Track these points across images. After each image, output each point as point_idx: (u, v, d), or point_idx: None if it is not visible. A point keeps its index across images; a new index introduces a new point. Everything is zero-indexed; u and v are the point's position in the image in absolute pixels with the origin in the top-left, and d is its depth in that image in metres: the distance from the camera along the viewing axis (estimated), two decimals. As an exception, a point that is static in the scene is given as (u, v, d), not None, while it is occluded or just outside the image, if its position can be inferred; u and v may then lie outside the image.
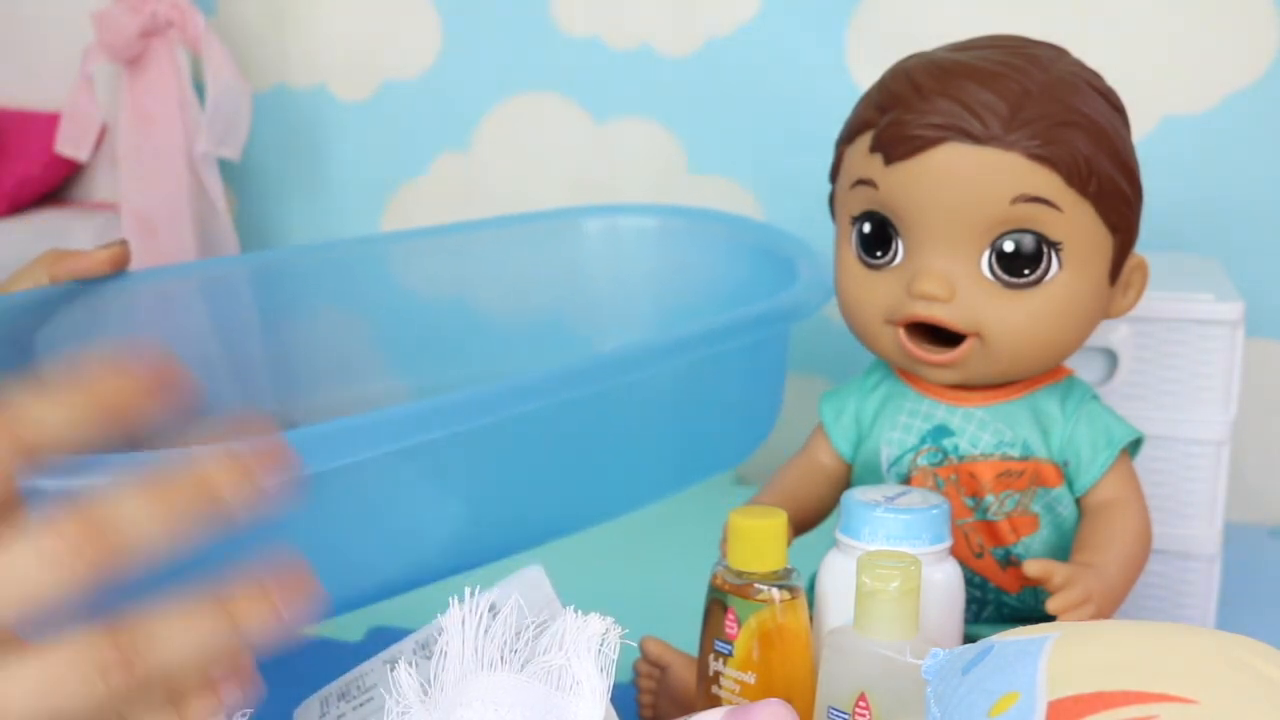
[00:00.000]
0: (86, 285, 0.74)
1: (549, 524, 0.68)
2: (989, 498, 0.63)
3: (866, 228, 0.63)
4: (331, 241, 0.94)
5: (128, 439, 0.43)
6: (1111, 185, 0.60)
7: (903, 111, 0.60)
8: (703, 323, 0.68)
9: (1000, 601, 0.65)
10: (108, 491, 0.41)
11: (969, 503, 0.64)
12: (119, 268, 0.73)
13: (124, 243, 0.74)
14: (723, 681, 0.59)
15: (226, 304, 0.84)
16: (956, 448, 0.64)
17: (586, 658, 0.48)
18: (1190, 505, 0.76)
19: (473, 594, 0.51)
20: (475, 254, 0.91)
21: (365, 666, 0.61)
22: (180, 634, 0.41)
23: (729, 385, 0.74)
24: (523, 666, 0.49)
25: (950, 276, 0.60)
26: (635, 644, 0.65)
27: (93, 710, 0.40)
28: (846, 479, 0.68)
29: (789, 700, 0.51)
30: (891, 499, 0.59)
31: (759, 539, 0.58)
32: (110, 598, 0.41)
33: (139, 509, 0.41)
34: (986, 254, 0.60)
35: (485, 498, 0.64)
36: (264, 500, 0.43)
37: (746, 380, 0.76)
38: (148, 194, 1.13)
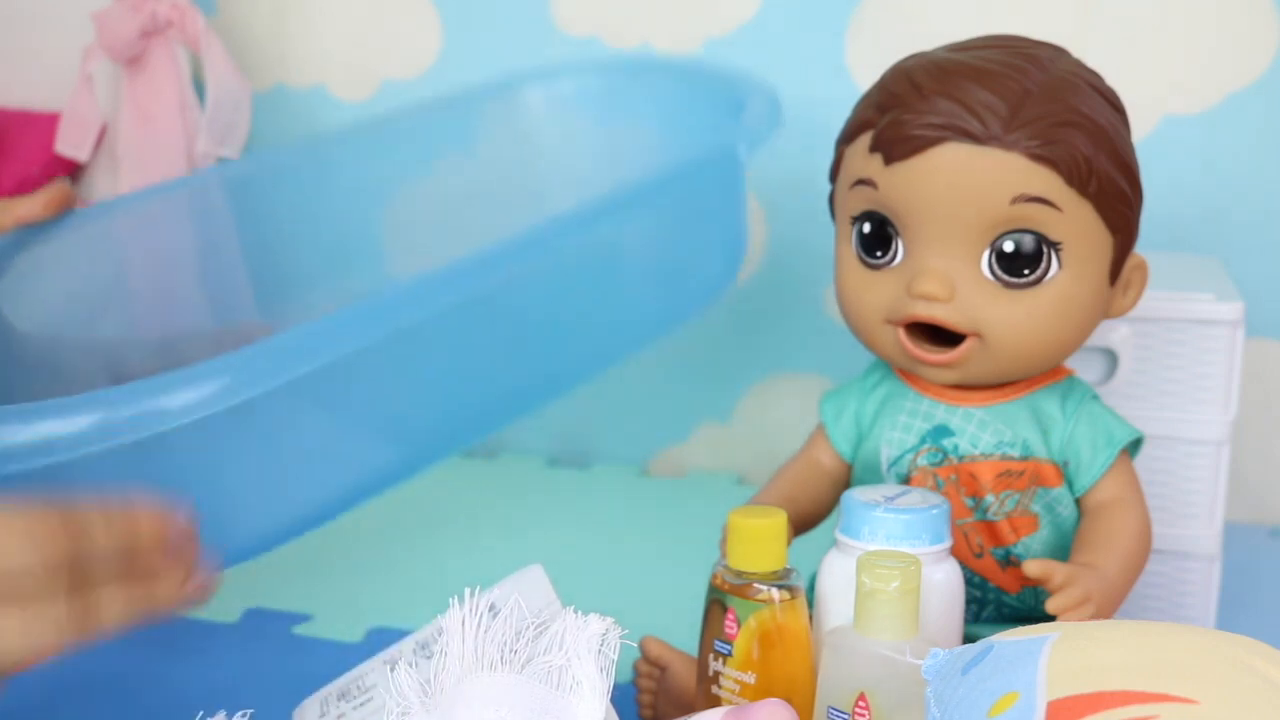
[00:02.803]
0: (35, 231, 0.75)
1: (541, 385, 0.71)
2: (989, 498, 0.63)
3: (866, 228, 0.63)
4: (284, 147, 0.94)
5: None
6: (1111, 185, 0.60)
7: (902, 111, 0.60)
8: (642, 177, 0.69)
9: (1000, 601, 0.65)
10: None
11: (969, 503, 0.64)
12: (63, 208, 0.74)
13: (63, 182, 0.74)
14: (722, 681, 0.59)
15: (196, 222, 0.85)
16: (956, 448, 0.64)
17: (586, 658, 0.48)
18: (1190, 505, 0.76)
19: (473, 594, 0.51)
20: (427, 139, 0.92)
21: (365, 666, 0.61)
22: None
23: (690, 225, 0.75)
24: (523, 667, 0.49)
25: (950, 276, 0.60)
26: (635, 644, 0.65)
27: (40, 565, 0.49)
28: (846, 479, 0.68)
29: (789, 700, 0.51)
30: (891, 499, 0.59)
31: (759, 539, 0.58)
32: None
33: None
34: (986, 254, 0.60)
35: (472, 367, 0.67)
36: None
37: (706, 218, 0.76)
38: (148, 194, 1.13)
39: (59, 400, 0.56)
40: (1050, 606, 0.57)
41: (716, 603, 0.59)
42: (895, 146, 0.60)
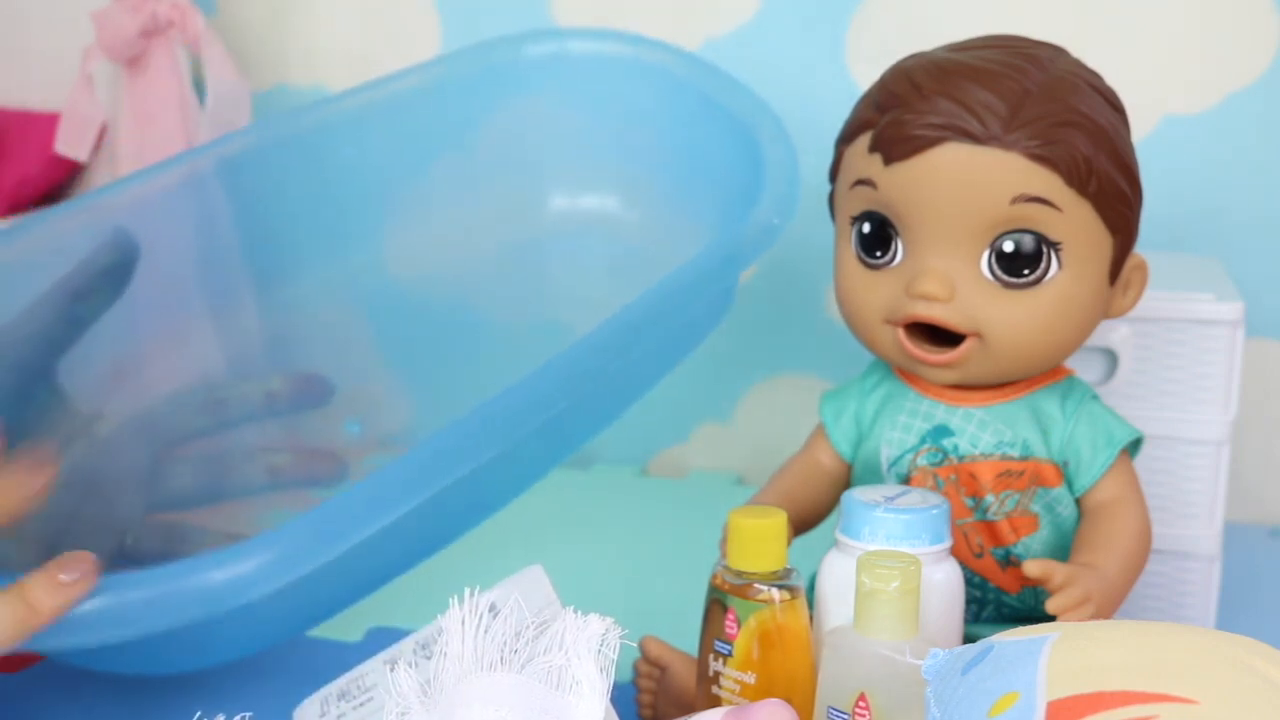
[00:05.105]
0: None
1: (550, 455, 0.75)
2: (989, 498, 0.63)
3: (866, 228, 0.63)
4: (281, 116, 0.94)
5: None
6: (1111, 185, 0.60)
7: (902, 111, 0.60)
8: (649, 301, 0.69)
9: (1000, 601, 0.65)
10: None
11: (969, 503, 0.64)
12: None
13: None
14: (723, 681, 0.59)
15: (194, 204, 0.85)
16: (956, 448, 0.64)
17: (586, 658, 0.48)
18: (1190, 505, 0.76)
19: (473, 594, 0.51)
20: (422, 105, 0.92)
21: (365, 666, 0.61)
22: None
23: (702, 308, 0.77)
24: (523, 667, 0.49)
25: (950, 276, 0.60)
26: (635, 644, 0.65)
27: None
28: (846, 479, 0.68)
29: (789, 700, 0.51)
30: (891, 499, 0.59)
31: (759, 539, 0.58)
32: None
33: None
34: (986, 254, 0.60)
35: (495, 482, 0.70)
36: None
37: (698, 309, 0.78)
38: (148, 194, 1.13)
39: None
40: (1050, 606, 0.57)
41: (716, 603, 0.59)
42: (895, 146, 0.60)
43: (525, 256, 0.94)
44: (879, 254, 0.63)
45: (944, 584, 0.58)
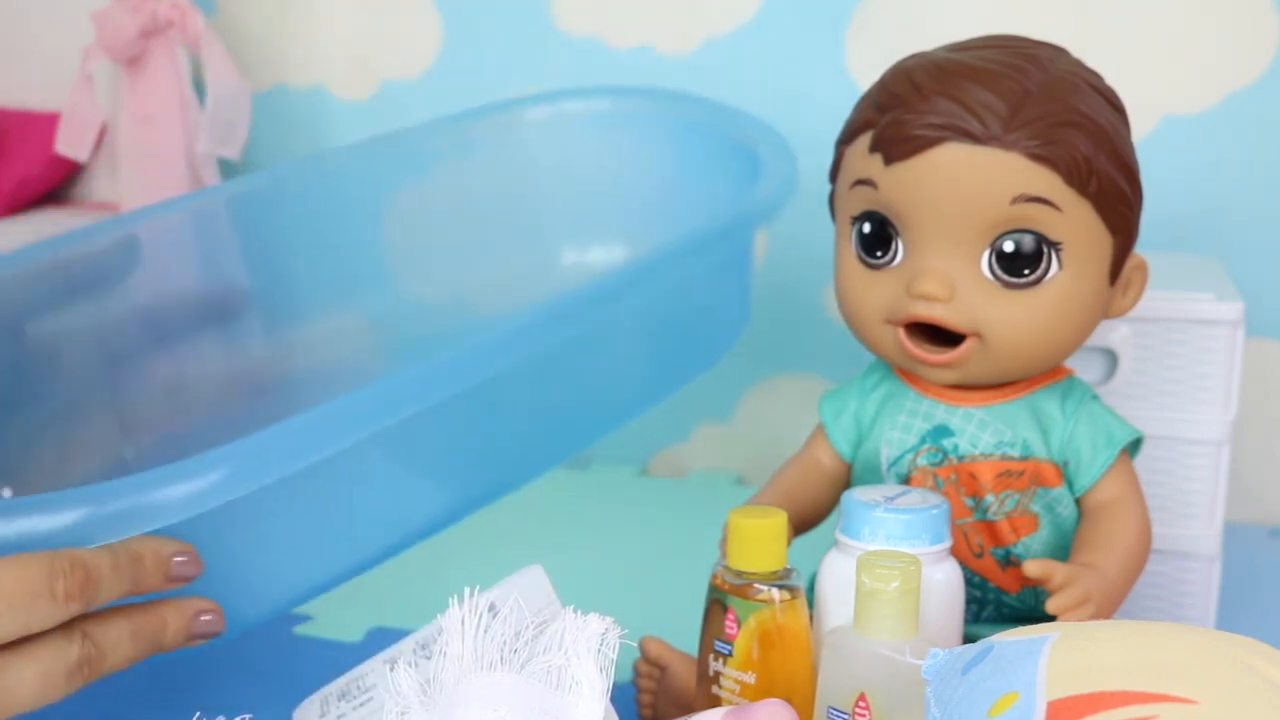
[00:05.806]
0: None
1: (532, 460, 0.72)
2: (989, 498, 0.63)
3: (866, 228, 0.63)
4: (294, 161, 0.95)
5: None
6: (1111, 185, 0.60)
7: (902, 111, 0.60)
8: (658, 250, 0.70)
9: (1000, 601, 0.65)
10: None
11: (969, 503, 0.64)
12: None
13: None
14: (723, 681, 0.59)
15: (205, 238, 0.85)
16: (956, 448, 0.64)
17: (586, 658, 0.48)
18: (1190, 505, 0.76)
19: (472, 594, 0.51)
20: (429, 157, 0.94)
21: (365, 666, 0.61)
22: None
23: (693, 294, 0.76)
24: (522, 666, 0.49)
25: (950, 276, 0.60)
26: (635, 644, 0.65)
27: (58, 615, 0.52)
28: (846, 479, 0.68)
29: (789, 700, 0.51)
30: (891, 499, 0.59)
31: (759, 539, 0.58)
32: None
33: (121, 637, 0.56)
34: (986, 254, 0.60)
35: (468, 444, 0.68)
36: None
37: (710, 286, 0.78)
38: (148, 194, 1.13)
39: (51, 495, 0.57)
40: (1050, 606, 0.57)
41: (716, 603, 0.59)
42: (895, 146, 0.60)
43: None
44: (879, 254, 0.63)
45: (944, 584, 0.58)
